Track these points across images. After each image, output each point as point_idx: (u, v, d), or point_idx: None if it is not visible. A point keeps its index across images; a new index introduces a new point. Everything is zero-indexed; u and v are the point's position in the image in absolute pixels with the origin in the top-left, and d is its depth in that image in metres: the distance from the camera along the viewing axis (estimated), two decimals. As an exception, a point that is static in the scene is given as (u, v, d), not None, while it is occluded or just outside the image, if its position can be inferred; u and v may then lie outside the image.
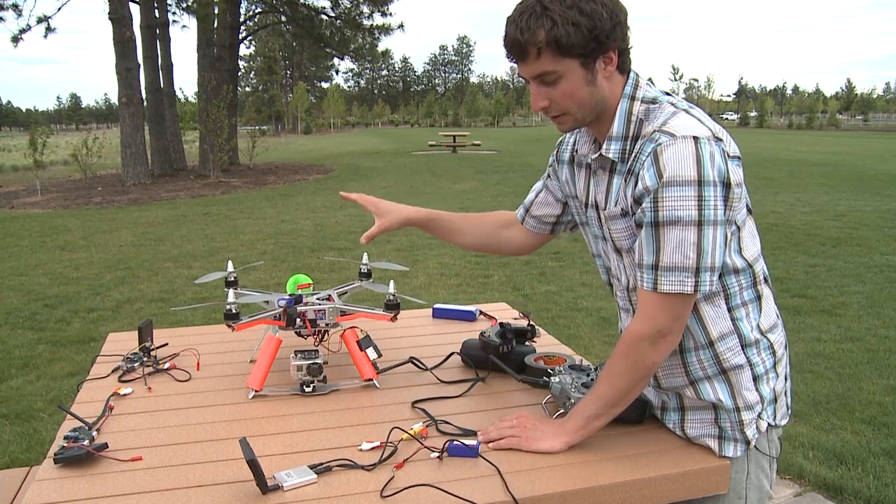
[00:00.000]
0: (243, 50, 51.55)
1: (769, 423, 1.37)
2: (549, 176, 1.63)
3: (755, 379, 1.35)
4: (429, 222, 1.73)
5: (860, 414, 3.51)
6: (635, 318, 1.30)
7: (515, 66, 1.32)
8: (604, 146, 1.34)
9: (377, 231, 1.69)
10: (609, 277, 1.51)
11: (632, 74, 1.34)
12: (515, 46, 1.26)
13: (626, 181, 1.31)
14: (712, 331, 1.32)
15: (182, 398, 1.65)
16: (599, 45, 1.24)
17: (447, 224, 1.74)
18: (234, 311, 1.65)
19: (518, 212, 1.73)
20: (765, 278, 1.38)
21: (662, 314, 1.26)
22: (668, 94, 1.35)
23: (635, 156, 1.28)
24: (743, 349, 1.33)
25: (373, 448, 1.37)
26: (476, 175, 16.55)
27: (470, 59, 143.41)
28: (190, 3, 19.19)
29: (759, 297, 1.35)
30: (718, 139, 1.24)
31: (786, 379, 1.42)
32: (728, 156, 1.24)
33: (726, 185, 1.21)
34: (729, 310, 1.32)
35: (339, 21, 23.42)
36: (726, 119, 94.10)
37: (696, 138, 1.21)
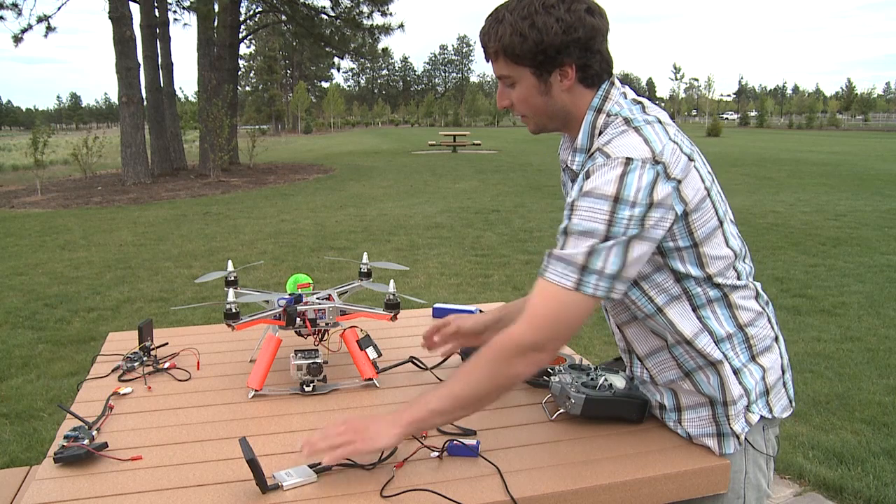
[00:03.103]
0: (243, 49, 51.61)
1: (762, 416, 1.37)
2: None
3: (735, 373, 1.35)
4: (501, 318, 1.64)
5: (860, 414, 3.51)
6: (520, 319, 1.25)
7: None
8: (569, 157, 1.37)
9: (453, 330, 1.64)
10: None
11: (604, 86, 1.33)
12: (483, 48, 1.35)
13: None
14: (685, 331, 1.33)
15: (182, 398, 1.66)
16: (549, 58, 1.27)
17: (517, 309, 1.62)
18: (234, 310, 1.65)
19: None
20: (742, 275, 1.36)
21: (545, 323, 1.22)
22: (639, 102, 1.33)
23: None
24: (717, 344, 1.34)
25: (373, 447, 1.37)
26: (476, 175, 16.55)
27: (470, 58, 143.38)
28: (191, 2, 19.19)
29: (725, 295, 1.34)
30: (658, 162, 1.20)
31: (782, 371, 1.41)
32: (668, 177, 1.20)
33: (648, 206, 1.19)
34: (694, 309, 1.32)
35: (339, 20, 23.41)
36: (726, 119, 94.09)
37: (628, 160, 1.20)
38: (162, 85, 18.74)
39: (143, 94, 16.63)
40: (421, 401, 1.28)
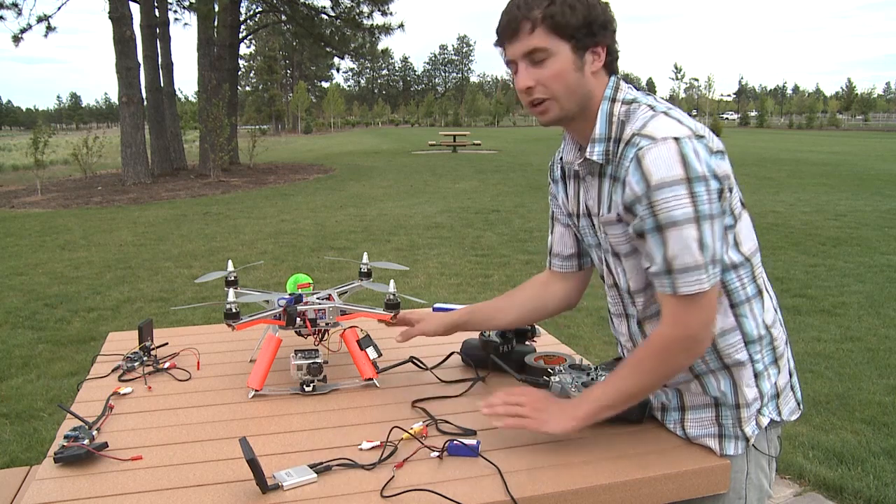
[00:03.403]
0: (243, 49, 51.59)
1: (772, 419, 1.37)
2: (552, 211, 1.63)
3: (756, 375, 1.35)
4: (469, 319, 1.68)
5: (860, 414, 3.51)
6: (666, 323, 1.28)
7: (502, 51, 1.34)
8: (587, 149, 1.34)
9: (416, 332, 1.68)
10: (611, 287, 1.49)
11: (613, 79, 1.35)
12: (511, 22, 1.29)
13: (613, 188, 1.32)
14: (714, 329, 1.32)
15: (182, 398, 1.66)
16: (591, 34, 1.28)
17: (485, 311, 1.69)
18: (234, 310, 1.65)
19: (546, 263, 1.69)
20: (763, 275, 1.39)
21: (692, 319, 1.25)
22: (648, 94, 1.36)
23: (619, 161, 1.29)
24: (746, 346, 1.34)
25: (373, 447, 1.37)
26: (476, 174, 16.54)
27: (470, 58, 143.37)
28: (191, 2, 19.19)
29: (760, 292, 1.36)
30: (700, 136, 1.24)
31: (790, 374, 1.42)
32: (711, 151, 1.25)
33: (716, 178, 1.22)
34: (732, 306, 1.33)
35: (339, 20, 23.41)
36: (727, 119, 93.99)
37: (676, 139, 1.22)
38: (162, 85, 18.74)
39: (143, 94, 16.63)
40: (591, 397, 1.35)
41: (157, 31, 18.42)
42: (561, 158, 1.50)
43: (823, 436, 3.27)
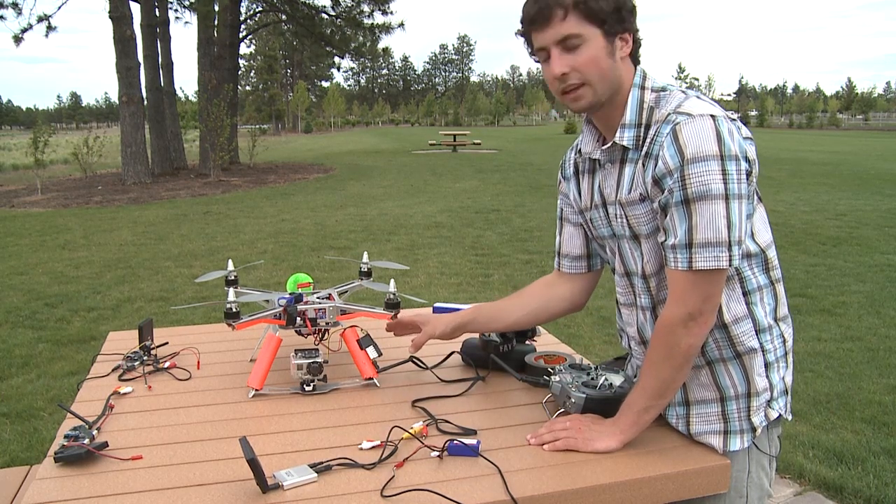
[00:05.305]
0: (243, 49, 51.54)
1: (780, 414, 1.38)
2: (561, 210, 1.62)
3: (766, 365, 1.36)
4: (474, 319, 1.66)
5: (860, 413, 3.51)
6: (666, 305, 1.30)
7: (526, 40, 1.33)
8: (616, 134, 1.35)
9: (425, 338, 1.64)
10: (622, 276, 1.48)
11: (639, 68, 1.37)
12: (543, 9, 1.27)
13: (643, 165, 1.32)
14: (726, 314, 1.33)
15: (182, 397, 1.66)
16: (621, 21, 1.29)
17: (490, 311, 1.67)
18: (234, 309, 1.65)
19: (554, 264, 1.67)
20: (778, 268, 1.39)
21: (692, 296, 1.26)
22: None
23: (652, 139, 1.30)
24: (757, 334, 1.34)
25: (373, 447, 1.37)
26: (476, 174, 16.54)
27: (470, 58, 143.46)
28: (191, 1, 19.20)
29: (772, 283, 1.37)
30: (733, 120, 1.28)
31: (791, 372, 1.43)
32: (743, 137, 1.27)
33: (746, 160, 1.25)
34: (744, 294, 1.34)
35: (339, 20, 23.40)
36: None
37: (713, 116, 1.24)
38: (162, 84, 18.74)
39: (144, 94, 16.63)
40: (626, 406, 1.37)
41: (158, 30, 18.42)
42: (579, 151, 1.50)
43: (823, 435, 3.27)
